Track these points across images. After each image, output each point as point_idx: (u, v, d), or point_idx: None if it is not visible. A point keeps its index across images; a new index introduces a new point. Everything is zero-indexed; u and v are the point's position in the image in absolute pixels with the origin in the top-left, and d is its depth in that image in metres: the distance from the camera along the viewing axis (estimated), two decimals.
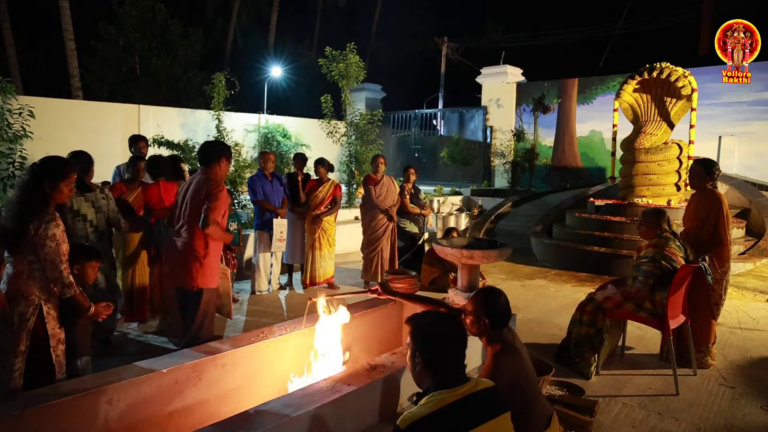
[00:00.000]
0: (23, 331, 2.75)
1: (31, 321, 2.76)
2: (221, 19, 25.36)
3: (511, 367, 2.31)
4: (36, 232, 2.72)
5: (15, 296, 2.76)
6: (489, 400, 1.90)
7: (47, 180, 2.81)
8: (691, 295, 4.06)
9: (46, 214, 2.77)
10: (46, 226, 2.73)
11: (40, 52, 20.55)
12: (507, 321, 2.46)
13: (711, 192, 4.26)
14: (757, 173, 11.93)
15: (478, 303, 2.44)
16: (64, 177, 2.87)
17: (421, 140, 19.23)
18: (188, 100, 16.94)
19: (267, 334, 3.32)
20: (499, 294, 2.47)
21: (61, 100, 12.11)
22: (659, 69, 8.19)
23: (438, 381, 1.88)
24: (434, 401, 1.81)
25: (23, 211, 2.75)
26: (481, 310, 2.42)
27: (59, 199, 2.87)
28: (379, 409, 2.77)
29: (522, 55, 20.01)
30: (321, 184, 6.40)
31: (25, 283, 2.76)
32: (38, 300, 2.78)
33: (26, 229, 2.72)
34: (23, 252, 2.76)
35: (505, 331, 2.45)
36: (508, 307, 2.47)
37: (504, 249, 4.29)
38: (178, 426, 2.80)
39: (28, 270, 2.77)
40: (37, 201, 2.78)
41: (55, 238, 2.75)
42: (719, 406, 3.57)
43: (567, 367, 4.06)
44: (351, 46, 10.19)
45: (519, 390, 2.28)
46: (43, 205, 2.78)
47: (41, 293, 2.79)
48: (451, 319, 2.03)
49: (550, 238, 8.95)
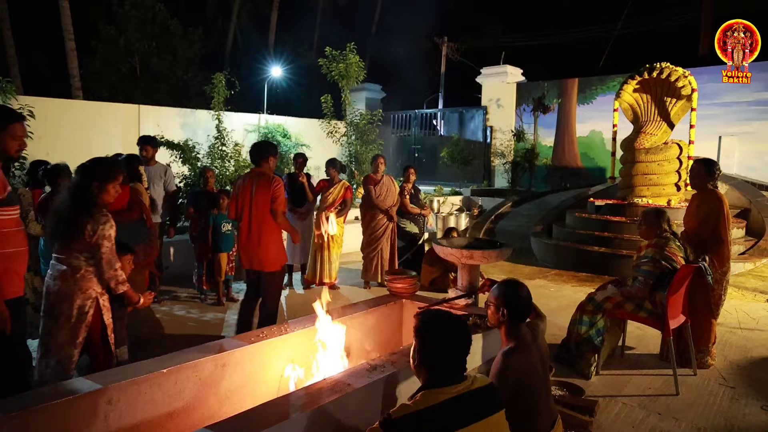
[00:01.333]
0: (83, 323, 2.90)
1: (89, 314, 2.92)
2: (221, 19, 25.34)
3: (521, 366, 2.30)
4: (93, 232, 2.84)
5: (72, 292, 2.88)
6: (484, 399, 1.91)
7: (96, 181, 2.93)
8: (691, 295, 4.06)
9: (100, 215, 2.89)
10: (103, 227, 2.87)
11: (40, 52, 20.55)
12: (526, 315, 2.46)
13: (712, 192, 4.25)
14: (757, 173, 11.93)
15: (500, 293, 2.45)
16: (112, 179, 3.00)
17: (421, 140, 19.23)
18: (188, 100, 16.93)
19: (267, 334, 3.31)
20: (521, 287, 2.47)
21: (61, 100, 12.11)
22: (659, 69, 8.19)
23: (435, 377, 1.90)
24: (428, 397, 1.83)
25: (76, 213, 2.86)
26: (501, 299, 2.42)
27: (106, 200, 3.00)
28: (380, 410, 2.77)
29: (522, 55, 20.02)
30: (331, 185, 6.37)
31: (82, 279, 2.89)
32: (95, 294, 2.94)
33: (82, 230, 2.83)
34: (78, 250, 2.88)
35: (524, 328, 2.44)
36: (528, 302, 2.45)
37: (504, 249, 4.29)
38: (178, 426, 2.80)
39: (85, 266, 2.90)
40: (89, 202, 2.89)
41: (111, 239, 2.90)
42: (719, 406, 3.57)
43: (567, 367, 4.05)
44: (351, 46, 10.20)
45: (526, 390, 2.28)
46: (94, 206, 2.90)
47: (97, 287, 2.95)
48: (457, 319, 2.04)
49: (550, 238, 8.95)
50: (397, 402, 2.84)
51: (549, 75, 16.98)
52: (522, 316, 2.43)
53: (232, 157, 9.32)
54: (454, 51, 23.63)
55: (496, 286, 2.52)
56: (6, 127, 2.70)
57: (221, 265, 5.76)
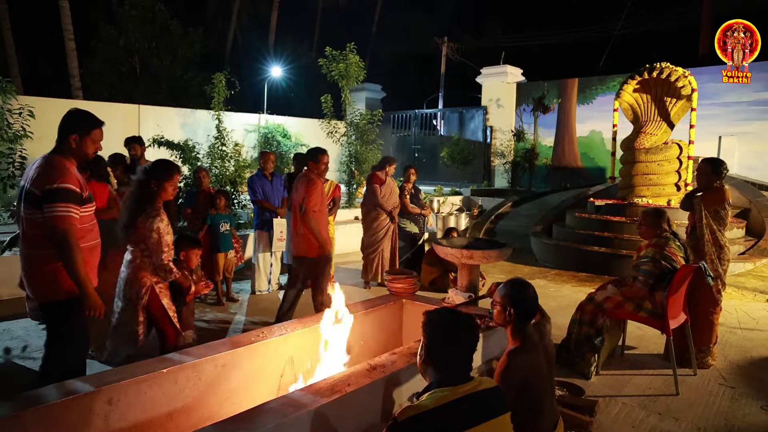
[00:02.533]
0: (139, 306, 3.28)
1: (144, 298, 3.27)
2: (221, 19, 25.35)
3: (526, 366, 2.29)
4: (143, 225, 3.18)
5: (133, 278, 3.27)
6: (490, 400, 1.90)
7: (155, 180, 3.25)
8: (692, 294, 4.06)
9: (153, 209, 3.22)
10: (152, 221, 3.19)
11: (40, 52, 20.55)
12: (533, 314, 2.46)
13: (717, 188, 4.28)
14: (757, 173, 11.93)
15: (506, 293, 2.45)
16: (169, 178, 3.31)
17: (421, 140, 19.23)
18: (188, 100, 16.93)
19: (267, 334, 3.31)
20: (528, 286, 2.47)
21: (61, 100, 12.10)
22: (659, 69, 8.19)
23: (441, 377, 1.90)
24: (434, 398, 1.82)
25: (135, 207, 3.25)
26: (508, 300, 2.42)
27: (164, 197, 3.31)
28: (380, 410, 2.77)
29: (522, 55, 20.02)
30: None
31: (138, 268, 3.26)
32: (149, 281, 3.27)
33: (136, 223, 3.21)
34: (136, 242, 3.26)
35: (530, 328, 2.44)
36: (535, 301, 2.45)
37: (504, 249, 4.30)
38: (178, 426, 2.80)
39: (140, 257, 3.26)
40: (146, 198, 3.25)
41: (158, 231, 3.19)
42: (719, 406, 3.57)
43: (567, 367, 4.05)
44: (351, 46, 10.19)
45: (532, 389, 2.28)
46: (149, 202, 3.24)
47: (151, 275, 3.28)
48: (464, 318, 2.03)
49: (550, 238, 8.95)
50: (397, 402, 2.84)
51: (549, 75, 16.99)
52: (529, 315, 2.43)
53: (232, 157, 9.31)
54: (454, 51, 23.63)
55: (502, 286, 2.52)
56: (90, 132, 2.91)
57: (219, 264, 5.76)
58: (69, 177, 2.75)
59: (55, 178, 2.71)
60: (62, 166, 2.78)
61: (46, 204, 2.68)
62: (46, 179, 2.71)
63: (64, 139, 2.85)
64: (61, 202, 2.69)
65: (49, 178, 2.71)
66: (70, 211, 2.72)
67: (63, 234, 2.68)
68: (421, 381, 2.04)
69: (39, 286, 2.82)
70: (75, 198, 2.75)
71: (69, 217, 2.71)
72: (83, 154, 2.90)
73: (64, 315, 2.84)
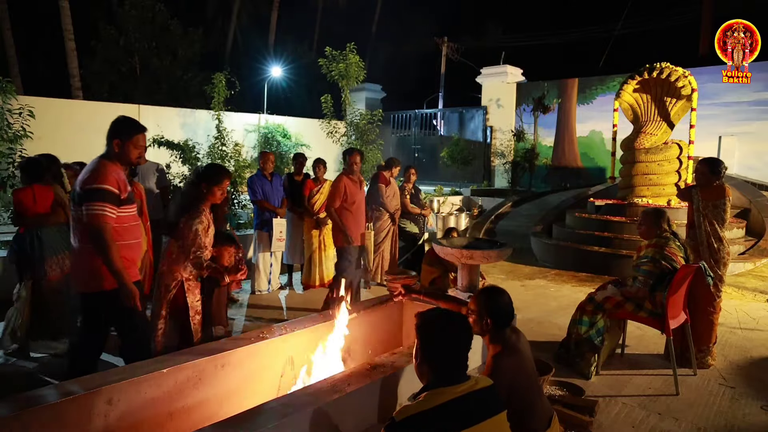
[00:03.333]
0: (165, 300, 3.38)
1: (172, 293, 3.38)
2: (221, 19, 25.34)
3: (511, 368, 2.31)
4: (184, 223, 3.34)
5: (167, 271, 3.40)
6: (487, 400, 1.91)
7: (205, 182, 3.41)
8: (692, 294, 4.06)
9: (196, 211, 3.37)
10: (192, 222, 3.33)
11: (40, 52, 20.55)
12: (509, 321, 2.46)
13: (717, 185, 4.29)
14: (757, 173, 11.93)
15: (481, 302, 2.45)
16: (219, 182, 3.44)
17: (421, 140, 19.23)
18: (188, 100, 16.94)
19: (267, 334, 3.31)
20: (502, 294, 2.47)
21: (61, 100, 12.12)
22: (659, 69, 8.19)
23: (438, 377, 1.90)
24: (431, 398, 1.82)
25: (182, 205, 3.46)
26: (484, 309, 2.42)
27: (212, 200, 3.46)
28: (379, 409, 2.77)
29: (522, 55, 20.02)
30: (318, 185, 6.33)
31: (173, 263, 3.39)
32: (180, 277, 3.39)
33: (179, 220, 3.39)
34: (176, 239, 3.40)
35: (508, 332, 2.44)
36: (510, 308, 2.46)
37: (504, 249, 4.29)
38: (178, 426, 2.80)
39: (177, 252, 3.39)
40: (193, 199, 3.43)
41: (196, 233, 3.31)
42: (719, 406, 3.57)
43: (567, 367, 4.05)
44: (351, 46, 10.20)
45: (519, 390, 2.28)
46: (195, 203, 3.40)
47: (184, 272, 3.40)
48: (457, 318, 2.03)
49: (550, 238, 8.95)
50: (396, 402, 2.84)
51: (549, 75, 16.98)
52: (505, 321, 2.44)
53: (232, 157, 9.32)
54: (454, 51, 23.62)
55: (476, 295, 2.53)
56: (132, 137, 3.09)
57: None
58: (108, 178, 2.95)
59: (94, 178, 2.93)
60: (104, 168, 2.99)
61: (85, 202, 2.90)
62: (87, 180, 2.94)
63: (109, 144, 3.08)
64: (98, 201, 2.89)
65: (89, 178, 2.94)
66: (105, 210, 2.91)
67: (98, 230, 2.89)
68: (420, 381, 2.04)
69: (86, 278, 3.03)
70: (112, 198, 2.94)
71: (104, 215, 2.90)
72: (127, 158, 3.10)
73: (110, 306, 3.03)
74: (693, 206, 4.32)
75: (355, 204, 5.30)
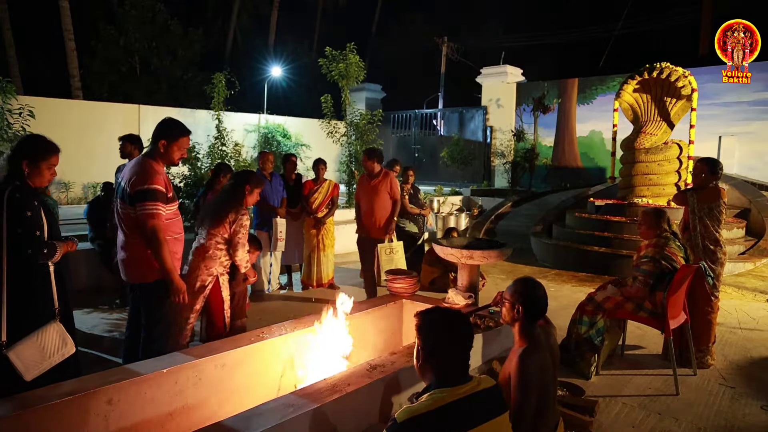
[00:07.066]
0: (201, 294, 3.56)
1: (208, 288, 3.57)
2: (221, 19, 25.36)
3: (539, 365, 2.28)
4: (234, 220, 3.57)
5: (198, 266, 3.56)
6: (489, 401, 1.89)
7: (249, 185, 3.71)
8: (692, 294, 4.06)
9: (242, 209, 3.65)
10: (242, 218, 3.60)
11: (40, 52, 20.54)
12: (542, 314, 2.43)
13: (712, 187, 4.29)
14: (757, 173, 11.93)
15: (516, 290, 2.44)
16: (260, 186, 3.82)
17: (421, 140, 19.24)
18: (188, 100, 16.95)
19: (267, 334, 3.31)
20: (538, 286, 2.45)
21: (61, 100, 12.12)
22: (659, 69, 8.19)
23: (440, 378, 1.88)
24: (434, 399, 1.80)
25: (226, 204, 3.65)
26: (518, 297, 2.40)
27: (251, 202, 3.76)
28: (379, 409, 2.77)
29: (522, 55, 20.02)
30: (317, 185, 6.34)
31: (210, 258, 3.57)
32: (216, 272, 3.58)
33: (225, 217, 3.58)
34: (215, 234, 3.58)
35: (538, 329, 2.42)
36: (544, 301, 2.43)
37: (504, 249, 4.29)
38: (178, 426, 2.80)
39: (214, 248, 3.58)
40: (238, 199, 3.68)
41: (246, 229, 3.62)
42: (719, 406, 3.57)
43: (567, 367, 4.05)
44: (351, 46, 10.18)
45: (545, 390, 2.27)
46: (240, 204, 3.66)
47: (219, 267, 3.60)
48: (458, 317, 2.02)
49: (550, 238, 8.94)
50: (396, 402, 2.84)
51: (549, 75, 17.01)
52: (537, 314, 2.41)
53: (232, 157, 9.31)
54: (454, 51, 23.63)
55: (512, 284, 2.50)
56: (177, 139, 3.23)
57: None
58: (157, 179, 3.11)
59: (145, 179, 3.07)
60: (152, 168, 3.14)
61: (138, 203, 3.05)
62: (138, 181, 3.07)
63: (155, 144, 3.21)
64: (150, 201, 3.06)
65: (140, 179, 3.08)
66: (158, 209, 3.08)
67: (152, 229, 3.05)
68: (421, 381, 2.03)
69: (133, 270, 3.20)
70: (162, 197, 3.12)
71: (157, 213, 3.08)
72: (170, 158, 3.24)
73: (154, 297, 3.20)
74: (689, 209, 4.32)
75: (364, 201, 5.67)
